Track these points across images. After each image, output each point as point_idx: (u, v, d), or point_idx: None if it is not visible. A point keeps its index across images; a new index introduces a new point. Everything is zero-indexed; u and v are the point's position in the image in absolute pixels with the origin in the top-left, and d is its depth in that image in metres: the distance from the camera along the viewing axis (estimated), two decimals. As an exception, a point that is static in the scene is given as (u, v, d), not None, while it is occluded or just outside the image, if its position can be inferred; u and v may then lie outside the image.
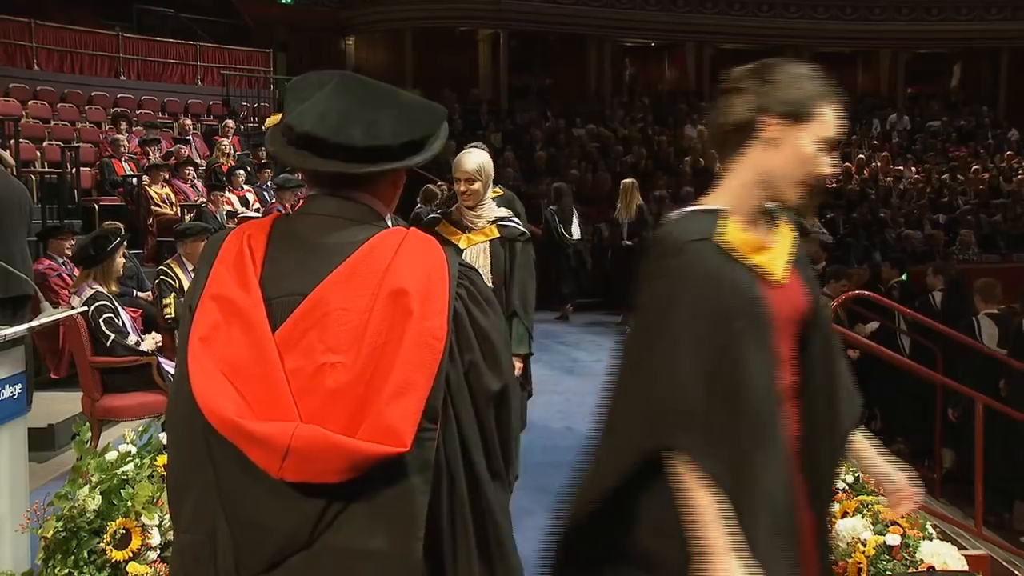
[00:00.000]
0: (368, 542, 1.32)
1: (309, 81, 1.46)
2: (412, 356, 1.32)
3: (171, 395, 1.48)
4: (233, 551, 1.35)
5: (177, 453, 1.45)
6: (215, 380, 1.32)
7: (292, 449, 1.27)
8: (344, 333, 1.33)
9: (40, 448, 5.04)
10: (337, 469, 1.29)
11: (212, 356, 1.34)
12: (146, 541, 3.10)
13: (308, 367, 1.32)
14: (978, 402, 4.99)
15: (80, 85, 14.96)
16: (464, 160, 3.73)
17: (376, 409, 1.30)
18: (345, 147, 1.37)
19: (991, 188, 17.57)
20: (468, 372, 1.41)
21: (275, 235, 1.43)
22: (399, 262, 1.37)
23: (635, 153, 17.23)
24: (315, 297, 1.35)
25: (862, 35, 22.93)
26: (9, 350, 3.15)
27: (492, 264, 3.71)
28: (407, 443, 1.30)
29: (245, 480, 1.33)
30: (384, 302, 1.34)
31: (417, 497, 1.33)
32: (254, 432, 1.29)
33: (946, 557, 3.41)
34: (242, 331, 1.35)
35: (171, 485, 1.47)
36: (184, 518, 1.42)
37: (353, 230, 1.41)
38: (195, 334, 1.35)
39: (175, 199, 10.32)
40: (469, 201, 3.74)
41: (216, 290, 1.38)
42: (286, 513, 1.32)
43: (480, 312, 1.44)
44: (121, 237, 5.43)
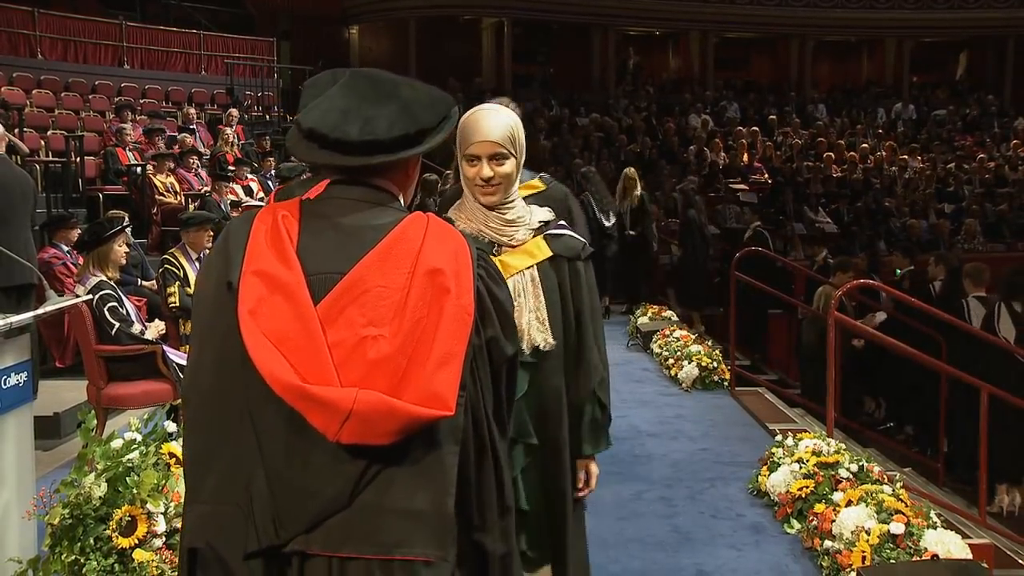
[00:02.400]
0: (404, 500, 1.42)
1: (323, 79, 1.59)
2: (451, 329, 1.44)
3: (189, 371, 1.55)
4: (273, 514, 1.42)
5: (199, 428, 1.51)
6: (270, 349, 1.41)
7: (355, 412, 1.38)
8: (384, 308, 1.44)
9: (46, 436, 5.07)
10: (391, 431, 1.40)
11: (261, 327, 1.43)
12: (151, 528, 3.12)
13: (350, 340, 1.43)
14: (983, 391, 4.98)
15: (84, 74, 14.94)
16: (482, 124, 2.27)
17: (424, 377, 1.41)
18: (342, 142, 1.49)
19: (997, 177, 17.52)
20: (489, 342, 1.54)
21: (306, 216, 1.54)
22: (429, 243, 1.49)
23: (639, 142, 17.20)
24: (354, 276, 1.46)
25: (867, 23, 22.82)
26: (15, 338, 3.15)
27: (547, 301, 2.33)
28: (452, 407, 1.42)
29: (293, 445, 1.42)
30: (421, 280, 1.46)
31: (448, 457, 1.45)
32: (320, 396, 1.38)
33: (950, 546, 3.42)
34: (287, 304, 1.44)
35: (192, 460, 1.52)
36: (206, 489, 1.48)
37: (378, 213, 1.54)
38: (243, 307, 1.44)
39: (179, 188, 10.33)
40: (493, 195, 2.30)
41: (258, 266, 1.47)
42: (333, 476, 1.41)
43: (497, 288, 1.57)
44: (121, 224, 5.43)
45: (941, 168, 18.02)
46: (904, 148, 19.01)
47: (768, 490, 4.37)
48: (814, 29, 22.83)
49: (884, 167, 17.72)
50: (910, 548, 3.43)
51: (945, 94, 22.79)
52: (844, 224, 14.59)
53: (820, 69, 23.92)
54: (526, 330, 2.30)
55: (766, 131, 18.97)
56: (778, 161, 17.44)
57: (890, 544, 3.46)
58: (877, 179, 16.89)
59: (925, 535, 3.46)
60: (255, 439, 1.44)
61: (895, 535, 3.47)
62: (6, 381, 3.06)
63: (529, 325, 2.31)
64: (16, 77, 13.53)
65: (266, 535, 1.42)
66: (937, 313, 5.91)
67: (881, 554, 3.43)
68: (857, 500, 3.76)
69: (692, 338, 7.64)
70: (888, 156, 18.37)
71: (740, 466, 4.93)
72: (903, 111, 21.34)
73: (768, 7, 22.46)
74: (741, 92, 22.09)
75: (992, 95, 22.29)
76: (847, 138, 19.24)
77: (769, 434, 5.47)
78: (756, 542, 3.99)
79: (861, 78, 24.15)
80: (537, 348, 2.31)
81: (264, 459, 1.43)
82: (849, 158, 17.74)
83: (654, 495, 4.56)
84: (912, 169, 17.81)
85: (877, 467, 4.27)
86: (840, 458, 4.20)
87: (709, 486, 4.69)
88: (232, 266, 1.49)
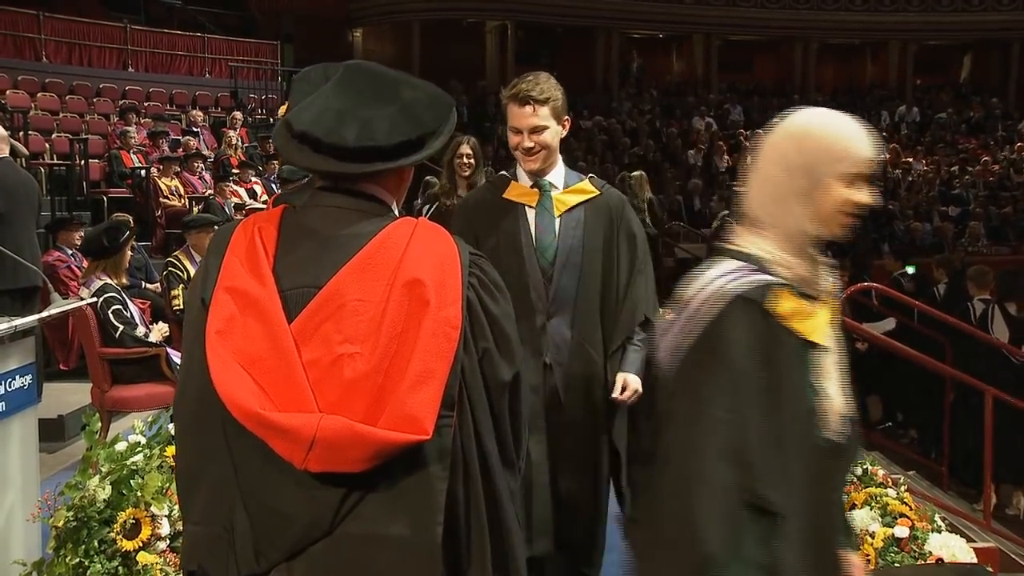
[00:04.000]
0: (389, 528, 1.34)
1: (315, 74, 1.47)
2: (430, 345, 1.34)
3: (179, 386, 1.49)
4: (252, 540, 1.36)
5: (187, 445, 1.46)
6: (235, 373, 1.33)
7: (318, 440, 1.29)
8: (361, 324, 1.34)
9: (50, 439, 5.07)
10: (361, 458, 1.31)
11: (229, 348, 1.34)
12: (156, 531, 3.12)
13: (325, 358, 1.33)
14: (988, 394, 4.97)
15: (88, 77, 14.99)
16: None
17: (397, 398, 1.32)
18: (338, 147, 1.38)
19: (1001, 180, 17.49)
20: (482, 359, 1.42)
21: (285, 227, 1.44)
22: (412, 252, 1.38)
23: (642, 145, 17.19)
24: (330, 289, 1.36)
25: (871, 26, 22.80)
26: (19, 341, 3.16)
27: None
28: (429, 431, 1.32)
29: (266, 470, 1.34)
30: (400, 292, 1.35)
31: (435, 484, 1.35)
32: (279, 424, 1.30)
33: (955, 549, 3.41)
34: (258, 323, 1.35)
35: (181, 477, 1.47)
36: (196, 510, 1.42)
37: (363, 222, 1.42)
38: (211, 327, 1.36)
39: (183, 191, 10.35)
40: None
41: (230, 282, 1.38)
42: (308, 502, 1.33)
43: (491, 300, 1.45)
44: (131, 228, 5.44)
45: (945, 171, 17.99)
46: (908, 151, 18.98)
47: (772, 493, 4.35)
48: (818, 32, 22.82)
49: (888, 170, 17.69)
50: (914, 552, 3.42)
51: (949, 97, 22.74)
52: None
53: (824, 72, 23.90)
54: None
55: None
56: (782, 164, 17.39)
57: (894, 548, 3.45)
58: (881, 182, 16.86)
59: (930, 539, 3.45)
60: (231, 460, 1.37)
61: (899, 538, 3.46)
62: (11, 384, 3.07)
63: None
64: (21, 80, 13.59)
65: (246, 562, 1.37)
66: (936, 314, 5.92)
67: (885, 558, 3.42)
68: (861, 503, 3.75)
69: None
70: (892, 159, 18.33)
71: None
72: (907, 114, 21.31)
73: (772, 10, 22.45)
74: (745, 95, 22.08)
75: (996, 98, 22.26)
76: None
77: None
78: (760, 545, 3.97)
79: (865, 81, 24.13)
80: None
81: (240, 484, 1.37)
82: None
83: (658, 498, 4.54)
84: (916, 172, 17.78)
85: (881, 470, 4.25)
86: (844, 461, 4.19)
87: (713, 489, 4.67)
88: (208, 282, 1.42)
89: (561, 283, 2.71)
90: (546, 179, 2.78)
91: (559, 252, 2.71)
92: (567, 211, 2.75)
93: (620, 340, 2.75)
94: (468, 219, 2.86)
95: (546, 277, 2.71)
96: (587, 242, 2.74)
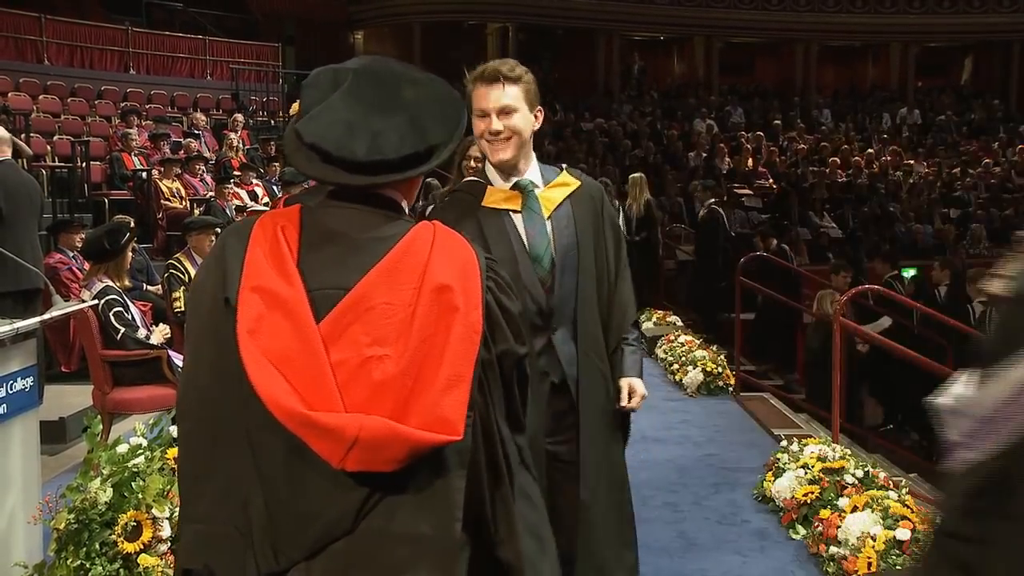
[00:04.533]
0: (409, 526, 1.37)
1: (324, 78, 1.46)
2: (459, 350, 1.37)
3: (183, 385, 1.49)
4: (272, 538, 1.37)
5: (192, 444, 1.46)
6: (270, 372, 1.34)
7: (360, 440, 1.31)
8: (390, 327, 1.37)
9: (51, 441, 5.07)
10: (396, 458, 1.34)
11: (260, 347, 1.36)
12: (157, 533, 3.12)
13: (354, 359, 1.35)
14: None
15: (90, 79, 15.02)
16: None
17: (430, 400, 1.35)
18: (347, 161, 1.40)
19: (1002, 182, 17.49)
20: (500, 356, 1.47)
21: (306, 227, 1.45)
22: (436, 257, 1.41)
23: (643, 147, 17.20)
24: (358, 292, 1.38)
25: (872, 28, 22.81)
26: (21, 343, 3.16)
27: None
28: (460, 432, 1.35)
29: (291, 469, 1.36)
30: (428, 297, 1.38)
31: (454, 481, 1.39)
32: (323, 423, 1.32)
33: (956, 552, 3.40)
34: (287, 322, 1.37)
35: (185, 476, 1.47)
36: (201, 509, 1.42)
37: (382, 224, 1.45)
38: (243, 327, 1.37)
39: (184, 193, 10.36)
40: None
41: (257, 282, 1.39)
42: (333, 500, 1.36)
43: (508, 299, 1.49)
44: (132, 231, 5.44)
45: (946, 173, 17.99)
46: (909, 153, 18.99)
47: (773, 496, 4.36)
48: (819, 34, 22.84)
49: (889, 172, 17.70)
50: (916, 554, 3.42)
51: (950, 99, 22.76)
52: (849, 229, 14.57)
53: (825, 74, 23.92)
54: None
55: (771, 136, 18.96)
56: (783, 166, 17.43)
57: (896, 550, 3.45)
58: (882, 184, 16.87)
59: (931, 541, 3.45)
60: (252, 459, 1.38)
61: (901, 541, 3.46)
62: (12, 386, 3.07)
63: None
64: (23, 83, 13.62)
65: (265, 560, 1.37)
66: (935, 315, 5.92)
67: (887, 560, 3.42)
68: (863, 506, 3.75)
69: (697, 343, 7.64)
70: (893, 161, 18.35)
71: (745, 471, 4.92)
72: (908, 116, 21.33)
73: (773, 12, 22.47)
74: (746, 97, 22.09)
75: (997, 100, 22.27)
76: (852, 143, 19.22)
77: (774, 439, 5.46)
78: (761, 548, 3.97)
79: (866, 83, 24.14)
80: None
81: (263, 483, 1.37)
82: (854, 163, 17.72)
83: (659, 501, 4.55)
84: (917, 174, 17.78)
85: (883, 472, 4.26)
86: (845, 464, 4.19)
87: (714, 492, 4.68)
88: (229, 280, 1.41)
89: (561, 291, 2.46)
90: (525, 178, 2.49)
91: (556, 257, 2.46)
92: (555, 209, 2.49)
93: (615, 342, 2.57)
94: None
95: (546, 288, 2.45)
96: (581, 240, 2.50)
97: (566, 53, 23.06)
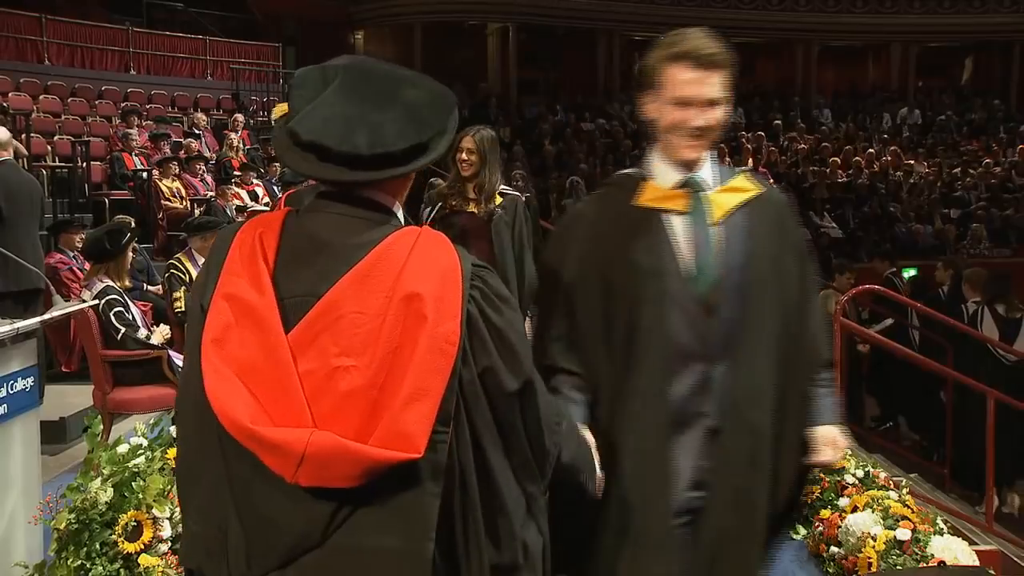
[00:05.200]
0: (380, 541, 1.33)
1: (312, 77, 1.42)
2: (426, 361, 1.31)
3: (180, 389, 1.49)
4: (245, 547, 1.36)
5: (186, 447, 1.46)
6: (229, 383, 1.32)
7: (307, 456, 1.28)
8: (358, 337, 1.32)
9: (52, 441, 5.07)
10: (351, 475, 1.30)
11: (225, 358, 1.33)
12: (157, 533, 3.12)
13: (321, 370, 1.32)
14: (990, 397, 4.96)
15: (90, 80, 15.02)
16: None
17: (391, 414, 1.30)
18: (350, 156, 1.35)
19: (1002, 182, 17.47)
20: (483, 375, 1.39)
21: (286, 233, 1.42)
22: (412, 264, 1.35)
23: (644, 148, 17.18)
24: (329, 300, 1.34)
25: (872, 28, 22.78)
26: (22, 343, 3.16)
27: None
28: (421, 449, 1.30)
29: (258, 480, 1.33)
30: (398, 306, 1.33)
31: (428, 499, 1.34)
32: (269, 439, 1.29)
33: (957, 552, 3.40)
34: (255, 332, 1.34)
35: (180, 477, 1.48)
36: (193, 508, 1.44)
37: (366, 229, 1.40)
38: (207, 335, 1.35)
39: (185, 193, 10.36)
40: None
41: (229, 289, 1.37)
42: (299, 514, 1.33)
43: (494, 311, 1.41)
44: (133, 231, 5.45)
45: (947, 173, 17.97)
46: (910, 153, 18.96)
47: (774, 496, 4.35)
48: (819, 34, 22.81)
49: (889, 172, 17.69)
50: (916, 554, 3.41)
51: (950, 99, 22.73)
52: (849, 229, 14.57)
53: (825, 74, 23.89)
54: None
55: (771, 136, 18.94)
56: (783, 166, 17.42)
57: (896, 550, 3.45)
58: (883, 184, 16.86)
59: (932, 541, 3.45)
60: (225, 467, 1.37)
61: (901, 541, 3.46)
62: (13, 386, 3.07)
63: None
64: (23, 83, 13.62)
65: (238, 568, 1.36)
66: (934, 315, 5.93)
67: (887, 560, 3.42)
68: (863, 506, 3.75)
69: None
70: (894, 161, 18.33)
71: (745, 472, 4.90)
72: (908, 116, 21.29)
73: (773, 11, 22.46)
74: (746, 97, 22.05)
75: (998, 100, 22.24)
76: (852, 143, 19.21)
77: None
78: (762, 548, 3.97)
79: (866, 83, 24.11)
80: None
81: (233, 491, 1.36)
82: (854, 163, 17.71)
83: (659, 501, 4.54)
84: (918, 174, 17.76)
85: (883, 472, 4.25)
86: (846, 463, 4.19)
87: (714, 492, 4.67)
88: (207, 286, 1.40)
89: (727, 316, 1.97)
90: (696, 175, 2.04)
91: (721, 274, 1.98)
92: (728, 217, 2.02)
93: (802, 386, 2.07)
94: (577, 241, 2.07)
95: (706, 308, 1.97)
96: (754, 258, 2.00)
97: (567, 53, 23.04)
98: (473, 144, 4.30)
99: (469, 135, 4.32)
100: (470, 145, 4.31)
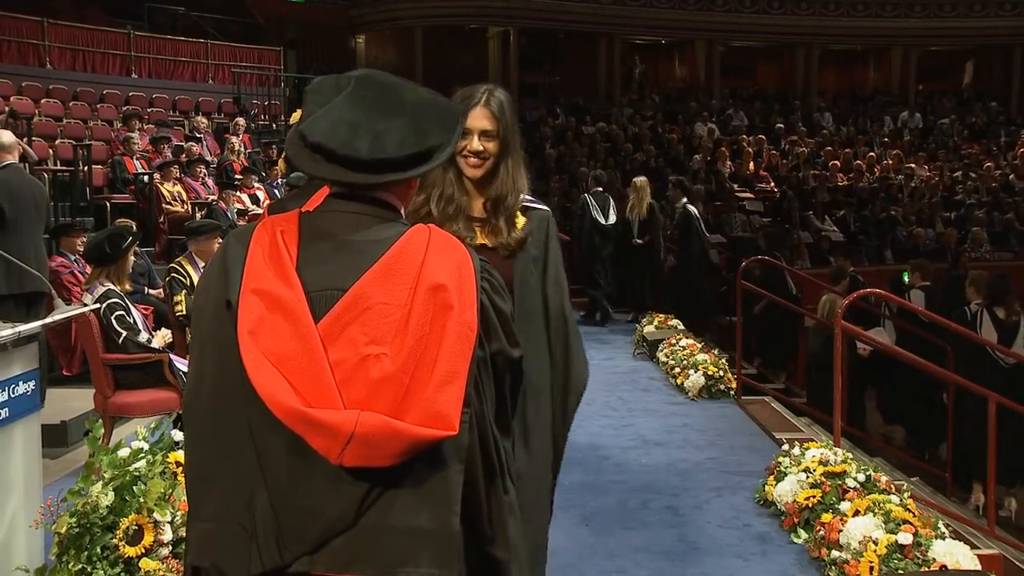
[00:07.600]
0: (408, 519, 1.41)
1: (327, 84, 1.52)
2: (455, 347, 1.42)
3: (190, 387, 1.53)
4: (276, 535, 1.41)
5: (200, 445, 1.50)
6: (270, 371, 1.39)
7: (356, 435, 1.36)
8: (386, 326, 1.41)
9: (53, 444, 5.07)
10: (394, 453, 1.38)
11: (261, 348, 1.40)
12: (158, 537, 3.12)
13: (352, 358, 1.40)
14: (991, 400, 4.96)
15: (92, 83, 15.03)
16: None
17: (426, 396, 1.39)
18: (351, 159, 1.45)
19: (1003, 185, 17.48)
20: (494, 355, 1.52)
21: (305, 231, 1.50)
22: (432, 258, 1.46)
23: (645, 151, 17.21)
24: (355, 292, 1.43)
25: (873, 32, 22.84)
26: (23, 346, 3.16)
27: None
28: (456, 427, 1.39)
29: (293, 467, 1.41)
30: (423, 296, 1.43)
31: (452, 476, 1.43)
32: (320, 420, 1.36)
33: (958, 556, 3.40)
34: (286, 323, 1.41)
35: (193, 476, 1.51)
36: (209, 508, 1.47)
37: (379, 227, 1.50)
38: (243, 328, 1.42)
39: (186, 197, 10.37)
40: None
41: (257, 284, 1.44)
42: (335, 497, 1.40)
43: (501, 300, 1.55)
44: (134, 235, 5.45)
45: (947, 177, 17.98)
46: (910, 156, 18.98)
47: (775, 499, 4.36)
48: (820, 38, 22.85)
49: (890, 175, 17.70)
50: (918, 558, 3.42)
51: (951, 102, 22.76)
52: (850, 233, 14.57)
53: (826, 77, 23.93)
54: None
55: (772, 140, 18.97)
56: (784, 170, 17.43)
57: (898, 554, 3.45)
58: (883, 188, 16.87)
59: (933, 545, 3.45)
60: (256, 458, 1.42)
61: (903, 545, 3.46)
62: (14, 390, 3.07)
63: None
64: (25, 86, 13.63)
65: (269, 556, 1.41)
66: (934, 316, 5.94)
67: (889, 564, 3.42)
68: (864, 510, 3.75)
69: (698, 347, 7.63)
70: (894, 164, 18.35)
71: (747, 475, 4.91)
72: (909, 119, 21.32)
73: (774, 15, 22.50)
74: (747, 101, 22.09)
75: (998, 103, 22.27)
76: (854, 146, 19.22)
77: (776, 443, 5.46)
78: (763, 552, 3.97)
79: (867, 86, 24.15)
80: None
81: (266, 479, 1.42)
82: (855, 166, 17.73)
83: (660, 504, 4.55)
84: (918, 177, 17.78)
85: (884, 476, 4.26)
86: (847, 467, 4.19)
87: (716, 495, 4.68)
88: (231, 284, 1.46)
89: None
90: None
91: None
92: None
93: None
94: None
95: None
96: None
97: (567, 57, 23.09)
98: (489, 117, 2.37)
99: (479, 103, 2.40)
100: (485, 122, 2.37)
